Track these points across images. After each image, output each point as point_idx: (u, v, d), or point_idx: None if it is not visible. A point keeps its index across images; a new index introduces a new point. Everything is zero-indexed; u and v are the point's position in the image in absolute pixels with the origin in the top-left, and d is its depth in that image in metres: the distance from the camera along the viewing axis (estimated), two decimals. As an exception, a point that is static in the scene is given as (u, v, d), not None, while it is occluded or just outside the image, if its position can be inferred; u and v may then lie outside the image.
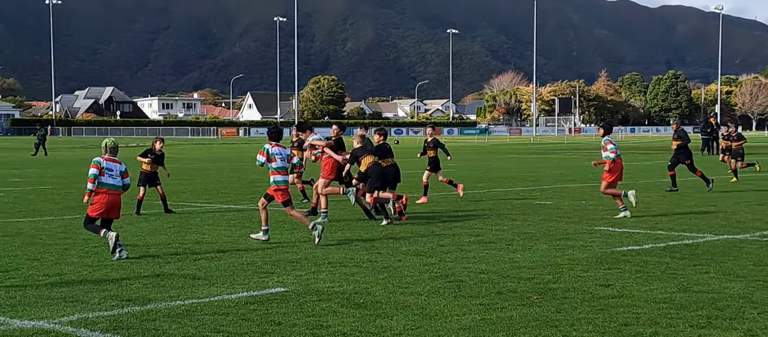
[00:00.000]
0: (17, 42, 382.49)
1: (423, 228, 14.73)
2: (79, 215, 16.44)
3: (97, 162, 11.64)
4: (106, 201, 11.58)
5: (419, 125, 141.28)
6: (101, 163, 11.61)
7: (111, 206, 11.62)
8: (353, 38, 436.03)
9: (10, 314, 8.14)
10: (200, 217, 16.55)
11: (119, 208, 11.82)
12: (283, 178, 13.05)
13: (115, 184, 11.64)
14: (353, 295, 9.04)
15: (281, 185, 13.01)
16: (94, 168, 11.58)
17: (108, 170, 11.63)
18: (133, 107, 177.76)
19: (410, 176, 25.44)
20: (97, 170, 11.57)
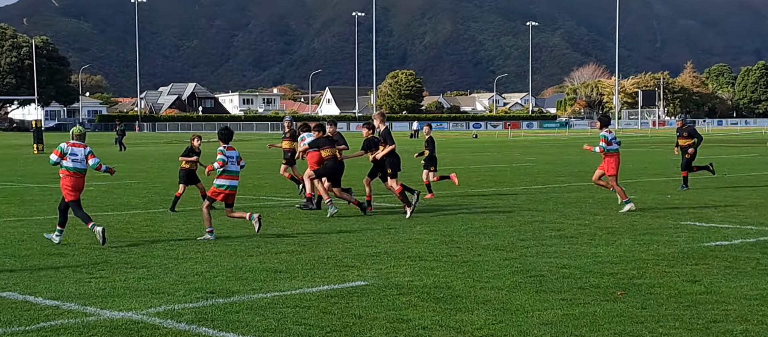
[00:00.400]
0: (104, 40, 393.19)
1: (503, 222, 14.61)
2: (164, 208, 16.82)
3: (59, 149, 12.50)
4: (71, 183, 12.44)
5: (498, 119, 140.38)
6: (64, 149, 12.47)
7: (75, 186, 12.44)
8: (431, 32, 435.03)
9: (100, 305, 8.36)
10: (280, 211, 16.73)
11: (82, 189, 12.62)
12: (230, 182, 13.11)
13: (77, 167, 12.47)
14: (433, 289, 9.02)
15: (222, 189, 13.07)
16: (55, 154, 12.48)
17: (71, 155, 12.47)
18: (215, 103, 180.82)
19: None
20: (58, 156, 12.44)
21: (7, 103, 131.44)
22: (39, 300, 8.55)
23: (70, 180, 12.47)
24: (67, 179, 12.48)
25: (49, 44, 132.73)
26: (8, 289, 9.12)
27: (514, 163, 35.21)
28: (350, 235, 13.15)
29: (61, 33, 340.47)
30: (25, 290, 9.03)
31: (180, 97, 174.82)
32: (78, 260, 11.00)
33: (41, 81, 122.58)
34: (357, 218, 15.29)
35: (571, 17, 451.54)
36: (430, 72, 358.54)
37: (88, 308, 8.19)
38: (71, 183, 12.46)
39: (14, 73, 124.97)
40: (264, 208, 17.23)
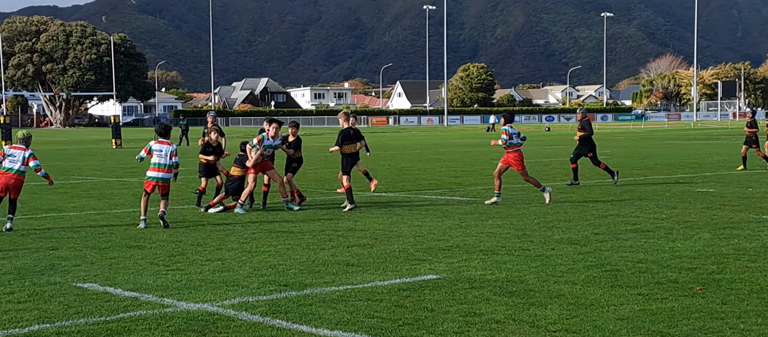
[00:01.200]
0: (179, 37, 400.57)
1: (576, 215, 14.42)
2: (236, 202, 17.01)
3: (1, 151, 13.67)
4: (2, 182, 13.33)
5: (571, 112, 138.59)
6: (5, 151, 13.58)
7: (6, 186, 13.33)
8: (503, 24, 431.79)
9: (177, 296, 8.52)
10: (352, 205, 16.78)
11: (17, 188, 13.48)
12: (157, 174, 13.68)
13: (11, 168, 13.37)
14: (506, 283, 8.95)
15: (151, 180, 13.71)
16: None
17: (9, 156, 13.47)
18: (287, 97, 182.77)
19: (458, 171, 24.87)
20: (1, 156, 13.50)
21: (87, 100, 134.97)
22: (118, 291, 8.75)
23: (2, 179, 13.30)
24: (1, 178, 13.34)
25: (127, 41, 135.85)
26: (89, 280, 9.36)
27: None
28: (421, 228, 13.14)
29: (138, 30, 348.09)
30: (105, 282, 9.25)
31: (253, 92, 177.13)
32: (155, 252, 11.23)
33: (119, 77, 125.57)
34: (427, 212, 15.27)
35: (648, 7, 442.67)
36: (502, 65, 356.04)
37: (165, 300, 8.35)
38: (3, 181, 13.29)
39: (93, 70, 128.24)
40: (338, 202, 17.30)
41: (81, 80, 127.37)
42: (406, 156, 36.41)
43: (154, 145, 13.85)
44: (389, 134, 76.31)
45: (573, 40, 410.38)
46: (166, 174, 13.79)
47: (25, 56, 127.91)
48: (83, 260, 10.67)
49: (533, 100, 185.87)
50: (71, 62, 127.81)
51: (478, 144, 46.88)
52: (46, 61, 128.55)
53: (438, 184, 21.42)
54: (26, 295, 8.62)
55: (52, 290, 8.86)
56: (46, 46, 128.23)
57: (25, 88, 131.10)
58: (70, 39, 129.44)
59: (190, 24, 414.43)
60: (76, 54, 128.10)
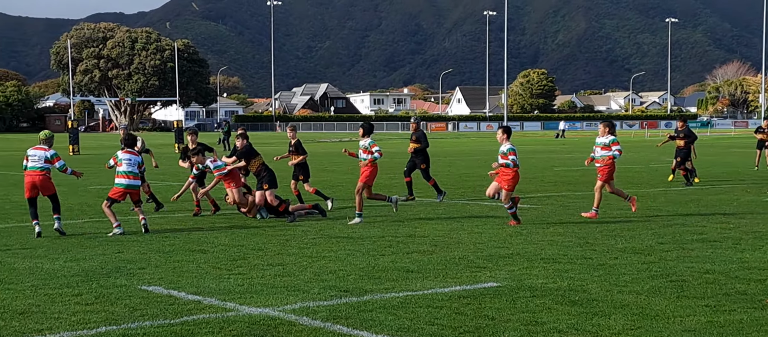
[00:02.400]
0: (241, 42, 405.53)
1: (641, 225, 14.18)
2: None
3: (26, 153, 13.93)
4: (29, 182, 13.59)
5: (633, 119, 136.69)
6: (27, 152, 13.86)
7: (33, 185, 13.57)
8: (564, 30, 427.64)
9: (239, 300, 8.60)
10: (412, 210, 16.78)
11: (45, 186, 13.63)
12: (127, 181, 13.95)
13: (34, 166, 13.61)
14: (568, 292, 8.84)
15: (120, 187, 13.94)
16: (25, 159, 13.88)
17: (31, 156, 13.73)
18: (346, 103, 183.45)
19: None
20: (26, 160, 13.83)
21: (151, 104, 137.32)
22: (182, 295, 8.87)
23: (28, 179, 13.61)
24: (27, 178, 13.67)
25: (190, 47, 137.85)
26: (154, 283, 9.50)
27: (651, 163, 34.18)
28: (482, 235, 13.06)
29: (200, 36, 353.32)
30: (170, 285, 9.38)
31: (313, 98, 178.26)
32: (218, 256, 11.36)
33: (182, 83, 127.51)
34: (488, 220, 15.18)
35: (714, 12, 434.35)
36: (563, 71, 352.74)
37: (228, 304, 8.44)
38: (29, 181, 13.59)
39: (157, 76, 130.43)
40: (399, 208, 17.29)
41: (145, 85, 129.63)
42: (466, 162, 36.25)
43: (121, 155, 14.14)
44: (448, 140, 76.11)
45: (636, 46, 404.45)
46: (135, 181, 14.09)
47: (92, 62, 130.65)
48: (148, 263, 10.85)
49: (595, 107, 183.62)
50: (136, 68, 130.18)
51: (539, 150, 46.45)
52: (112, 66, 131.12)
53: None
54: (93, 297, 8.79)
55: (118, 292, 9.02)
56: (113, 52, 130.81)
57: (92, 93, 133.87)
58: (136, 45, 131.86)
59: (252, 30, 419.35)
60: (140, 60, 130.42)
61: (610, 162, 14.96)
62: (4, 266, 10.71)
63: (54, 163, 13.71)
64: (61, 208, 13.90)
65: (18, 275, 10.02)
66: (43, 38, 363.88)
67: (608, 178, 14.96)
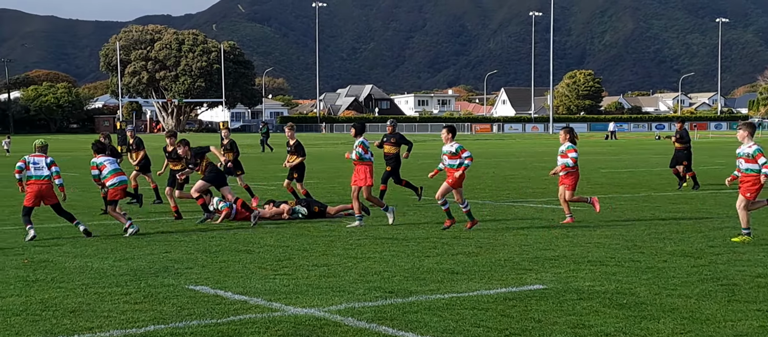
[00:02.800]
0: (286, 44, 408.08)
1: (690, 227, 13.98)
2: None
3: (23, 159, 13.57)
4: (35, 191, 13.37)
5: (682, 120, 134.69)
6: (27, 159, 13.51)
7: (39, 194, 13.38)
8: (611, 31, 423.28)
9: (285, 301, 8.64)
10: (458, 214, 16.71)
11: (50, 195, 13.47)
12: (120, 178, 14.20)
13: (40, 175, 13.40)
14: (615, 295, 8.74)
15: (116, 185, 14.11)
16: (20, 162, 13.52)
17: (33, 164, 13.48)
18: (391, 104, 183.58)
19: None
20: (23, 163, 13.48)
21: (197, 106, 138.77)
22: (228, 294, 8.94)
23: (34, 187, 13.40)
24: (33, 187, 13.41)
25: (236, 49, 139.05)
26: (201, 283, 9.59)
27: (701, 165, 33.67)
28: (527, 237, 12.97)
29: (246, 38, 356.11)
30: (216, 285, 9.46)
31: (357, 99, 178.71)
32: (263, 257, 11.43)
33: (228, 84, 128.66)
34: (533, 220, 15.07)
35: (765, 12, 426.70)
36: (610, 72, 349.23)
37: (273, 304, 8.48)
38: (36, 190, 13.39)
39: (204, 77, 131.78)
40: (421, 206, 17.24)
41: (192, 87, 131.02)
42: (511, 164, 36.06)
43: (99, 160, 14.33)
44: (493, 142, 75.79)
45: (685, 46, 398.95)
46: (124, 176, 14.41)
47: (140, 64, 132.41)
48: (195, 263, 10.95)
49: (643, 108, 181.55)
50: (183, 69, 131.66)
51: (586, 152, 46.03)
52: (159, 68, 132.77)
53: (543, 192, 21.12)
54: (142, 296, 8.90)
55: (165, 291, 9.12)
56: (160, 54, 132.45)
57: (140, 94, 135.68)
58: (182, 47, 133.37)
59: (297, 32, 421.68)
60: (187, 61, 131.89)
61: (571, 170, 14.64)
62: (55, 265, 10.89)
63: (51, 168, 13.55)
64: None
65: (68, 274, 10.19)
66: (92, 40, 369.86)
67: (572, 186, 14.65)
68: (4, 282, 9.69)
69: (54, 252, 11.95)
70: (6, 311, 8.26)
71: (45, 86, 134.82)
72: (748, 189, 12.22)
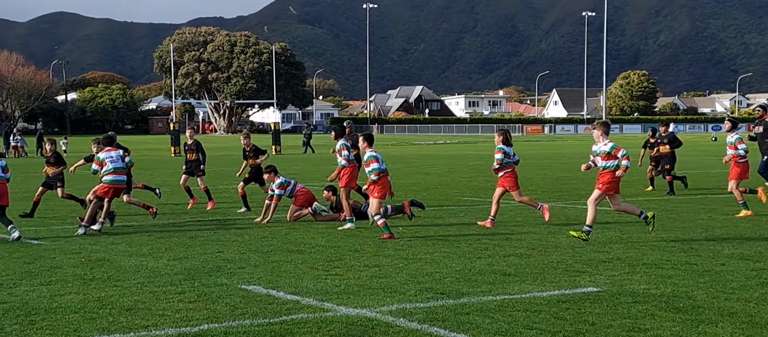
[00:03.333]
0: (337, 45, 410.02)
1: (748, 230, 13.70)
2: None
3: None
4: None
5: (741, 121, 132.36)
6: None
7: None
8: (666, 30, 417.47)
9: (337, 301, 8.66)
10: (509, 214, 16.61)
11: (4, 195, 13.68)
12: (117, 177, 14.50)
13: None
14: (672, 298, 8.59)
15: (109, 183, 14.40)
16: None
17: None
18: (441, 105, 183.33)
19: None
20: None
21: (249, 107, 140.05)
22: (280, 294, 8.99)
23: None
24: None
25: (287, 50, 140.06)
26: (253, 283, 9.66)
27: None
28: (580, 239, 12.82)
29: (297, 39, 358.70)
30: (269, 285, 9.52)
31: (407, 100, 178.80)
32: (315, 257, 11.47)
33: (279, 85, 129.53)
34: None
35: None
36: (665, 72, 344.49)
37: (325, 304, 8.51)
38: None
39: (255, 78, 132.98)
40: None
41: (244, 88, 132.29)
42: (563, 165, 35.74)
43: (103, 155, 14.61)
44: (544, 143, 75.21)
45: (743, 46, 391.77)
46: (123, 176, 14.67)
47: (193, 65, 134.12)
48: (247, 262, 11.04)
49: (699, 109, 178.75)
50: (235, 71, 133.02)
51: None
52: (211, 70, 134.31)
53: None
54: (196, 295, 8.99)
55: (219, 291, 9.20)
56: (213, 56, 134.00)
57: (193, 96, 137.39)
58: (235, 49, 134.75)
59: (348, 33, 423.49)
60: (239, 63, 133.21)
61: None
62: (112, 264, 11.06)
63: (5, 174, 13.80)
64: None
65: (124, 273, 10.34)
66: (146, 42, 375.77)
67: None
68: (63, 280, 9.87)
69: (110, 251, 12.14)
70: (65, 308, 8.41)
71: (100, 88, 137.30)
72: (606, 183, 12.45)
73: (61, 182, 17.04)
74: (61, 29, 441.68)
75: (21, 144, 51.46)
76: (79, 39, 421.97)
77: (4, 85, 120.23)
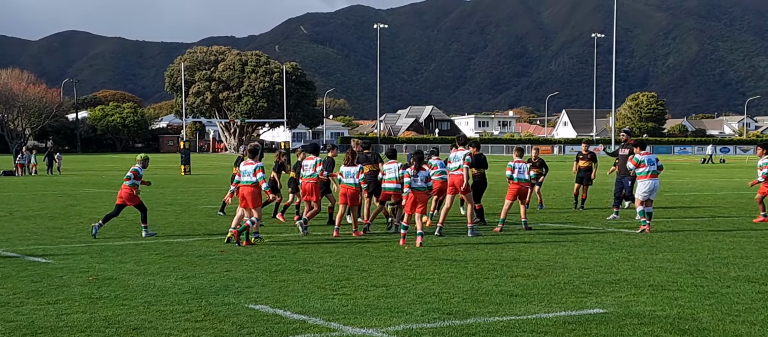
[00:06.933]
0: (348, 65, 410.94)
1: (754, 252, 13.69)
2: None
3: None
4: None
5: (747, 143, 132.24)
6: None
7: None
8: (675, 52, 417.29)
9: (343, 321, 8.70)
10: (516, 234, 16.63)
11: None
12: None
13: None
14: (677, 320, 8.61)
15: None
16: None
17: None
18: (451, 125, 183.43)
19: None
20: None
21: (259, 126, 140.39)
22: (287, 314, 9.03)
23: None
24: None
25: (298, 69, 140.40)
26: (261, 302, 9.71)
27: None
28: (588, 260, 12.85)
29: (308, 58, 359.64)
30: (276, 304, 9.57)
31: (417, 120, 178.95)
32: (323, 276, 11.51)
33: (290, 104, 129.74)
34: (594, 243, 14.91)
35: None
36: (674, 94, 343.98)
37: (332, 324, 8.54)
38: None
39: (266, 98, 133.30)
40: (502, 233, 17.16)
41: (254, 107, 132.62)
42: (573, 185, 35.65)
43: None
44: (554, 163, 75.12)
45: (751, 68, 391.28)
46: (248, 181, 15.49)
47: (204, 84, 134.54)
48: (255, 282, 11.08)
49: (707, 131, 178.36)
50: (246, 90, 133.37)
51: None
52: (222, 89, 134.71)
53: (605, 214, 20.87)
54: (202, 314, 9.04)
55: (226, 310, 9.25)
56: (223, 75, 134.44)
57: (204, 114, 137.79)
58: (246, 68, 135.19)
59: (358, 53, 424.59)
60: (250, 82, 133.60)
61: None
62: (119, 282, 11.12)
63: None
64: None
65: (132, 292, 10.40)
66: (158, 61, 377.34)
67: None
68: (70, 299, 9.93)
69: (118, 269, 12.20)
70: (71, 327, 8.47)
71: (111, 106, 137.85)
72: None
73: None
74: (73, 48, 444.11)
75: (25, 161, 50.23)
76: (91, 57, 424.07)
77: (16, 103, 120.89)
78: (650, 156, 16.94)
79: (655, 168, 16.73)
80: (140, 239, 15.97)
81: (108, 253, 13.94)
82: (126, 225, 18.38)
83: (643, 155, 16.94)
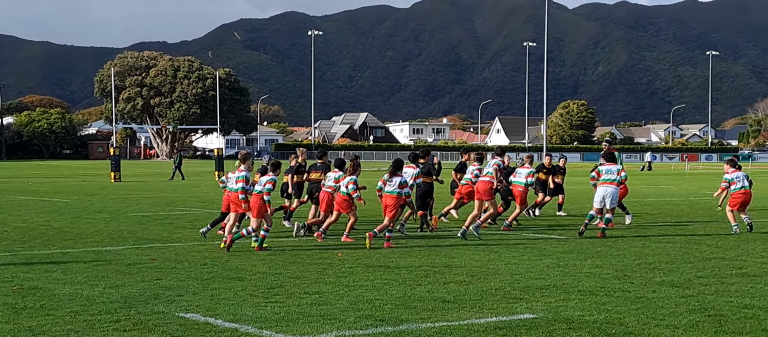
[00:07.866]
0: (282, 72, 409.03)
1: (679, 257, 14.04)
2: (336, 236, 17.18)
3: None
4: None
5: (673, 151, 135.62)
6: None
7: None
8: (605, 62, 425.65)
9: (276, 328, 8.66)
10: (449, 240, 16.77)
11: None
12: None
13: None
14: (605, 325, 8.78)
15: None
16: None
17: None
18: (385, 132, 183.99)
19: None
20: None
21: (192, 132, 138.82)
22: (219, 322, 8.95)
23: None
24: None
25: (232, 76, 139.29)
26: (191, 310, 9.60)
27: (691, 196, 33.82)
28: (519, 266, 13.02)
29: (242, 65, 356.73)
30: (207, 312, 9.48)
31: (352, 127, 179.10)
32: (255, 284, 11.44)
33: (223, 111, 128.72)
34: (525, 249, 15.12)
35: (756, 45, 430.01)
36: (603, 102, 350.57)
37: (264, 332, 8.50)
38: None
39: (199, 104, 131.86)
40: (435, 238, 17.27)
41: (187, 113, 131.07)
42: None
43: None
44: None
45: (677, 78, 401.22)
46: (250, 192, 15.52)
47: (135, 90, 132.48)
48: (186, 290, 10.96)
49: (635, 139, 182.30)
50: (178, 96, 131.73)
51: (580, 182, 46.14)
52: (154, 94, 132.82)
53: (537, 222, 21.18)
54: (131, 324, 8.90)
55: (155, 319, 9.13)
56: (155, 81, 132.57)
57: (134, 121, 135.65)
58: (178, 74, 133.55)
59: (293, 59, 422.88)
60: (182, 88, 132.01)
61: None
62: (45, 292, 10.88)
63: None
64: None
65: (58, 302, 10.18)
66: (87, 66, 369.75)
67: None
68: (-5, 308, 9.68)
69: (44, 279, 11.93)
70: (-4, 336, 8.26)
71: (38, 112, 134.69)
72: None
73: None
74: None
75: None
76: (17, 62, 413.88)
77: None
78: (611, 167, 17.64)
79: (614, 177, 17.42)
80: (67, 248, 15.65)
81: (33, 262, 13.62)
82: (52, 233, 18.01)
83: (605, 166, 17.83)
